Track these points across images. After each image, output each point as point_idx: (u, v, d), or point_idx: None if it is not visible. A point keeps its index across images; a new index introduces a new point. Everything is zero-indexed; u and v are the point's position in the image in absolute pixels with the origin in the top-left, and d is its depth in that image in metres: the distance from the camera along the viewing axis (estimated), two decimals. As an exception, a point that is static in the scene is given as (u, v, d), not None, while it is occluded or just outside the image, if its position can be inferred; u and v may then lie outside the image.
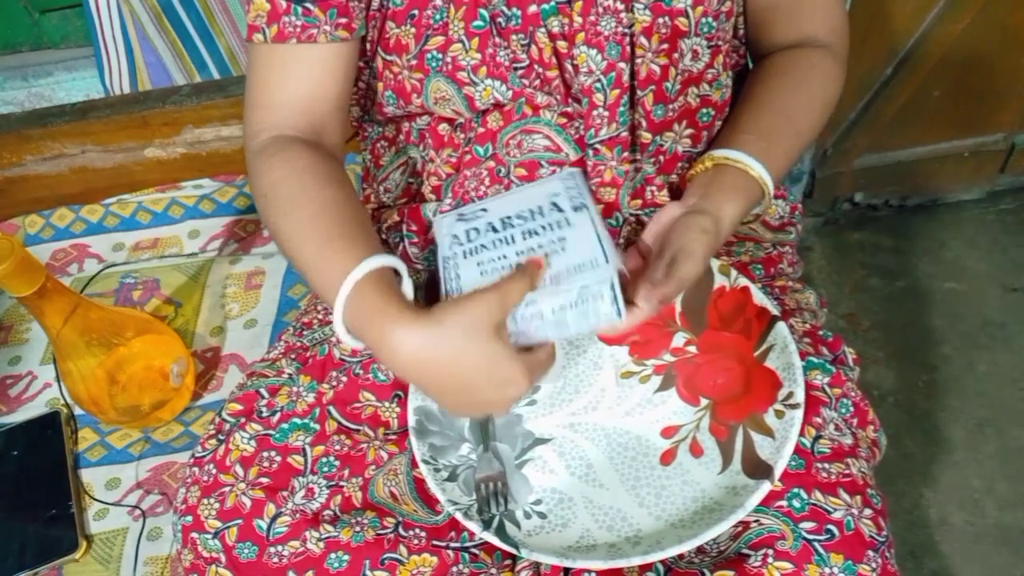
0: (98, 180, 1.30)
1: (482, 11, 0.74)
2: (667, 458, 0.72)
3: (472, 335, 0.60)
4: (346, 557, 0.71)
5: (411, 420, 0.75)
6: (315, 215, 0.70)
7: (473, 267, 0.72)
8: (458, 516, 0.69)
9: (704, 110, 0.81)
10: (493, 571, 0.72)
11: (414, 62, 0.78)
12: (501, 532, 0.69)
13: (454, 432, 0.76)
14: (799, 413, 0.68)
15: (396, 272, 0.67)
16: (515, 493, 0.72)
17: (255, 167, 0.75)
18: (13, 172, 1.29)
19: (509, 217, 0.75)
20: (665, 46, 0.75)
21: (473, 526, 0.69)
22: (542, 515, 0.71)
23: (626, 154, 0.79)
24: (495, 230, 0.75)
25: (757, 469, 0.67)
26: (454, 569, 0.72)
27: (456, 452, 0.74)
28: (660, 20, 0.74)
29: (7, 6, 1.29)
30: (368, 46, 0.81)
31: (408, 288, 0.67)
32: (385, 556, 0.71)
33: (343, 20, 0.75)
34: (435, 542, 0.73)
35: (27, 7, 1.30)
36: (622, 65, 0.74)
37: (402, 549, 0.72)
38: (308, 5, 0.73)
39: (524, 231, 0.73)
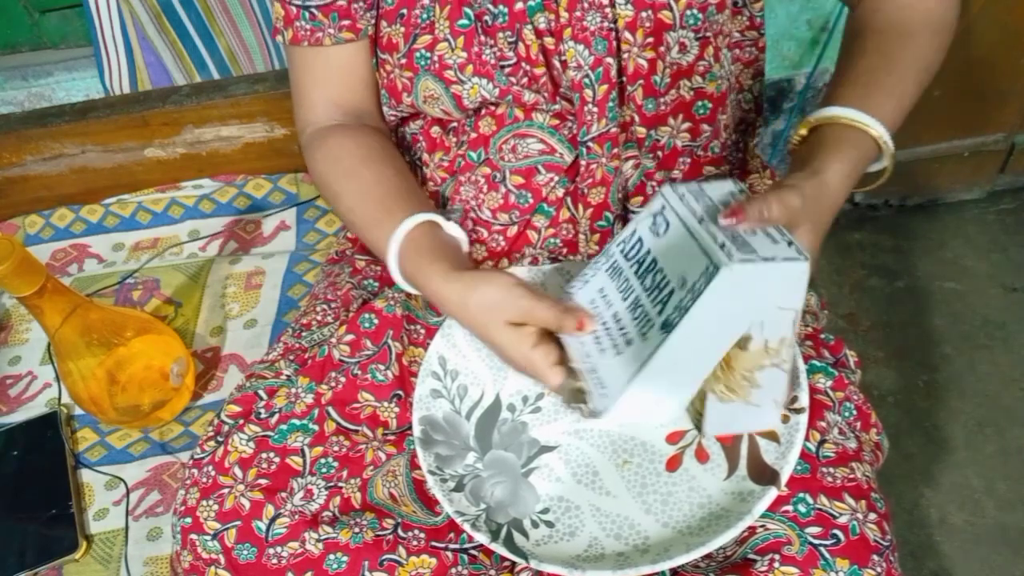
0: (98, 180, 1.30)
1: (467, 10, 0.75)
2: (673, 464, 0.72)
3: (488, 318, 0.69)
4: (345, 558, 0.71)
5: (416, 431, 0.75)
6: (355, 203, 0.81)
7: (593, 291, 0.72)
8: (466, 527, 0.69)
9: (700, 103, 0.81)
10: (492, 573, 0.72)
11: (404, 60, 0.78)
12: (509, 542, 0.68)
13: (459, 441, 0.75)
14: (804, 418, 0.68)
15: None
16: (522, 502, 0.72)
17: (307, 160, 0.86)
18: (13, 172, 1.29)
19: (654, 265, 0.68)
20: (650, 40, 0.75)
21: (481, 537, 0.69)
22: (550, 524, 0.71)
23: (616, 150, 0.79)
24: (637, 274, 0.69)
25: (763, 474, 0.67)
26: (453, 571, 0.72)
27: (462, 461, 0.74)
28: (643, 14, 0.74)
29: (7, 6, 1.29)
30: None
31: (453, 229, 0.77)
32: (384, 557, 0.71)
33: (346, 22, 0.79)
34: (434, 543, 0.73)
35: (27, 7, 1.30)
36: (609, 60, 0.74)
37: (401, 550, 0.72)
38: (313, 10, 0.77)
39: (633, 299, 0.67)
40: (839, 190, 0.68)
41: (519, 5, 0.74)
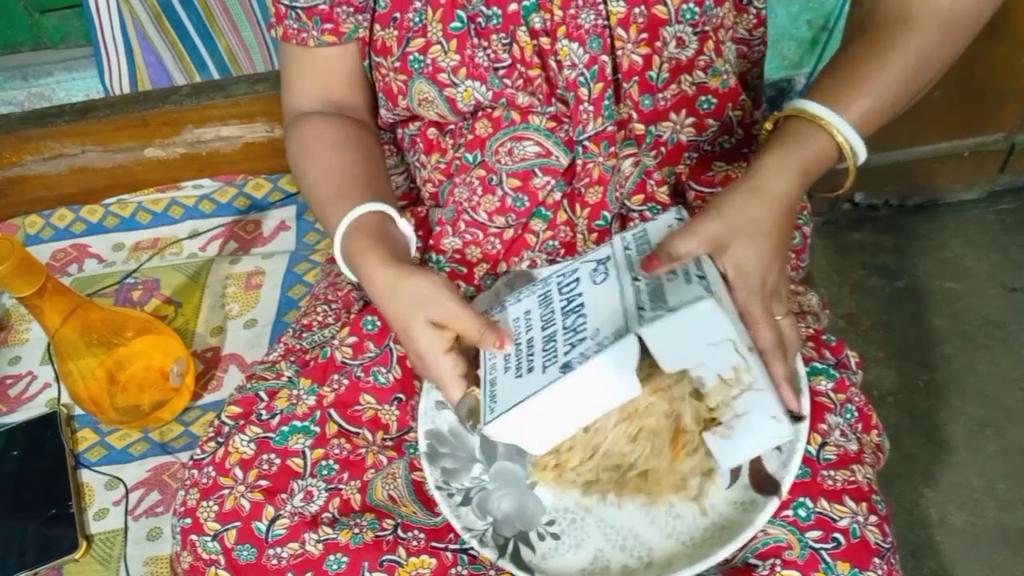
0: (98, 180, 1.30)
1: (459, 12, 0.75)
2: None
3: (413, 311, 0.69)
4: (345, 559, 0.71)
5: (422, 445, 0.75)
6: (317, 180, 0.82)
7: (520, 311, 0.74)
8: (474, 543, 0.69)
9: (703, 98, 0.80)
10: (492, 573, 0.72)
11: (398, 64, 0.79)
12: (516, 557, 0.69)
13: (465, 453, 0.75)
14: (805, 425, 0.68)
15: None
16: (529, 514, 0.72)
17: (285, 142, 0.88)
18: (13, 172, 1.28)
19: (580, 309, 0.70)
20: (645, 35, 0.75)
21: (488, 553, 0.69)
22: (556, 536, 0.71)
23: (613, 149, 0.78)
24: (565, 308, 0.71)
25: (765, 484, 0.67)
26: (453, 571, 0.72)
27: (468, 474, 0.74)
28: (636, 10, 0.73)
29: (7, 6, 1.29)
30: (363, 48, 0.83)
31: (405, 227, 0.78)
32: (384, 558, 0.71)
33: (328, 26, 0.80)
34: (434, 544, 0.73)
35: (27, 7, 1.30)
36: (604, 58, 0.74)
37: (401, 551, 0.72)
38: (299, 11, 0.78)
39: (550, 332, 0.70)
40: (778, 189, 0.64)
41: (513, 6, 0.74)
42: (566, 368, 0.64)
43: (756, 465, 0.69)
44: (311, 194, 0.83)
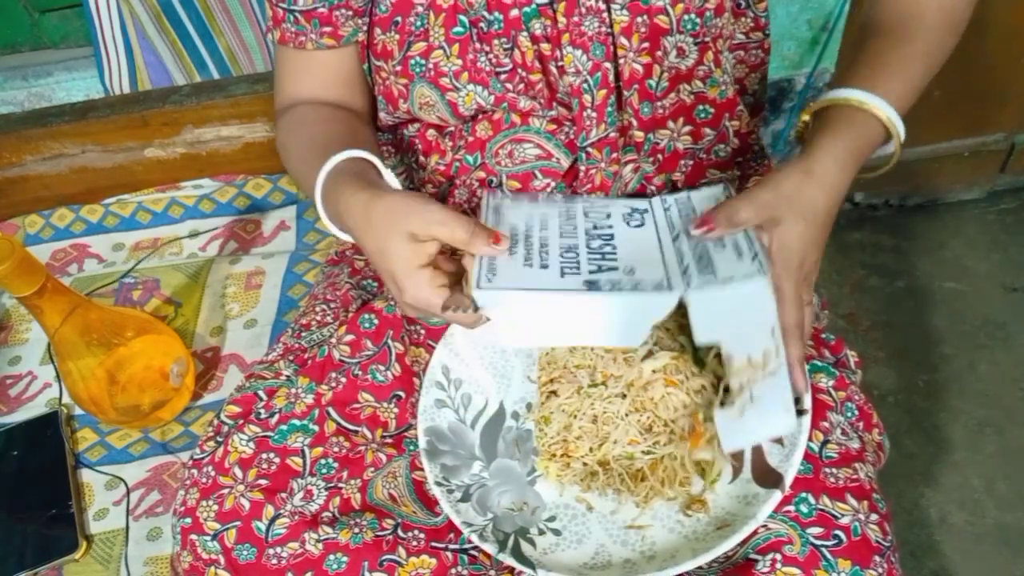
0: (98, 180, 1.30)
1: (461, 17, 0.75)
2: None
3: (392, 225, 0.65)
4: (345, 559, 0.71)
5: (422, 442, 0.75)
6: (306, 149, 0.80)
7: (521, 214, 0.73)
8: (474, 538, 0.69)
9: (701, 107, 0.81)
10: (492, 573, 0.72)
11: (399, 68, 0.79)
12: (517, 552, 0.69)
13: (465, 450, 0.76)
14: (807, 419, 0.68)
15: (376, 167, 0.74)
16: (529, 510, 0.72)
17: (276, 131, 0.88)
18: (13, 172, 1.28)
19: (609, 239, 0.70)
20: (646, 44, 0.75)
21: (489, 547, 0.69)
22: (556, 532, 0.71)
23: (615, 155, 0.79)
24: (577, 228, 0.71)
25: (767, 477, 0.67)
26: (453, 571, 0.72)
27: (468, 471, 0.74)
28: (639, 19, 0.74)
29: (7, 6, 1.29)
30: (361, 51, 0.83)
31: (388, 175, 0.73)
32: (384, 558, 0.71)
33: (327, 29, 0.80)
34: (434, 543, 0.73)
35: (27, 7, 1.30)
36: (607, 65, 0.74)
37: (401, 551, 0.72)
38: (297, 14, 0.78)
39: (569, 244, 0.69)
40: (832, 175, 0.66)
41: (514, 12, 0.74)
42: (591, 285, 0.63)
43: (759, 458, 0.69)
44: (299, 168, 0.81)
